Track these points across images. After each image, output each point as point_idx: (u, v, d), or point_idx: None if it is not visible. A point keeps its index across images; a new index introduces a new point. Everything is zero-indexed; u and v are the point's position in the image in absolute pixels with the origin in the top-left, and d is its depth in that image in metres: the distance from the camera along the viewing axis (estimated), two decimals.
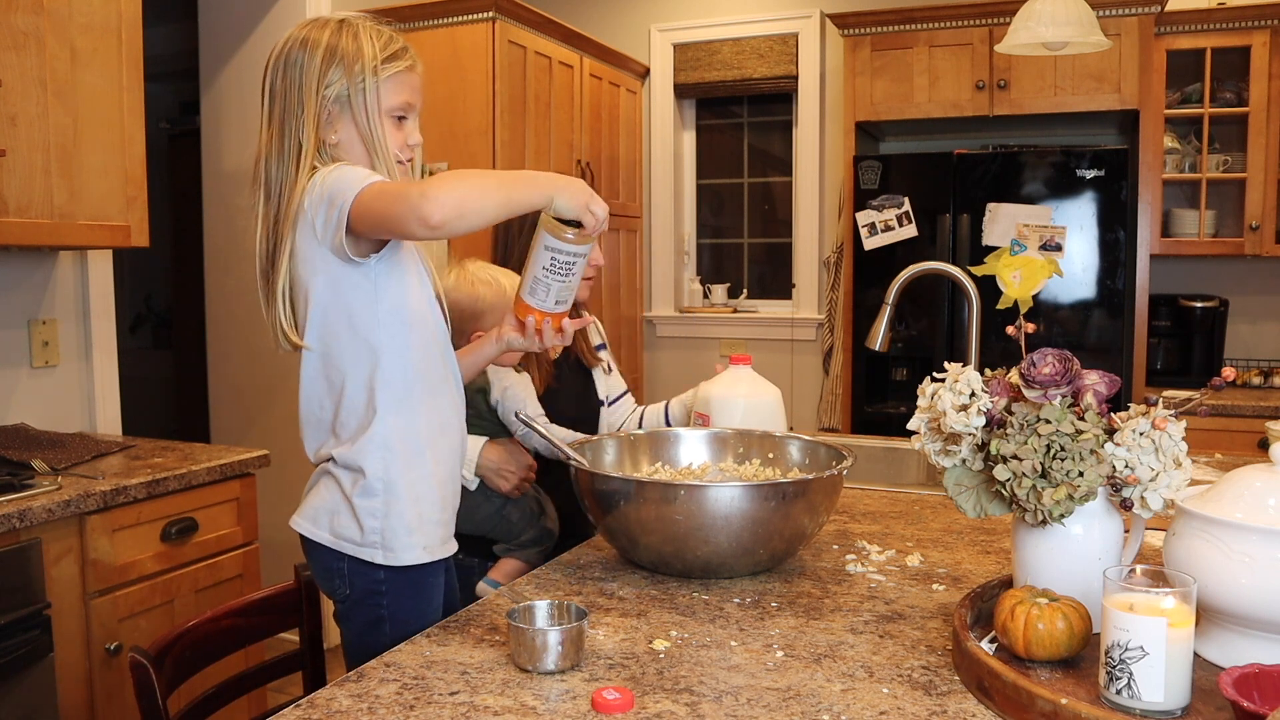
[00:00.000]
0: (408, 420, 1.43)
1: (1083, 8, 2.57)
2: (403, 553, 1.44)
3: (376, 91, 1.43)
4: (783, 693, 1.10)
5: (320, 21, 1.47)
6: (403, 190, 1.29)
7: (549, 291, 1.43)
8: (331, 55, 1.42)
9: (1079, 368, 1.20)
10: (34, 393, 2.66)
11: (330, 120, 1.43)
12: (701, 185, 4.85)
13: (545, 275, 1.41)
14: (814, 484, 1.48)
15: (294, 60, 1.43)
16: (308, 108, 1.42)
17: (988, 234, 3.64)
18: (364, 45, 1.43)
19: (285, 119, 1.43)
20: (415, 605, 1.47)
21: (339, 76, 1.42)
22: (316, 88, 1.42)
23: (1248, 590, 1.06)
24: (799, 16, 4.44)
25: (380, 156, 1.44)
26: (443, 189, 1.26)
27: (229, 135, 3.61)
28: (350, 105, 1.42)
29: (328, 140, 1.43)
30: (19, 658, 1.88)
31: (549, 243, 1.39)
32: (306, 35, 1.44)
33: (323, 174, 1.38)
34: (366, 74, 1.42)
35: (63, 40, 2.27)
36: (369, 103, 1.42)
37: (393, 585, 1.45)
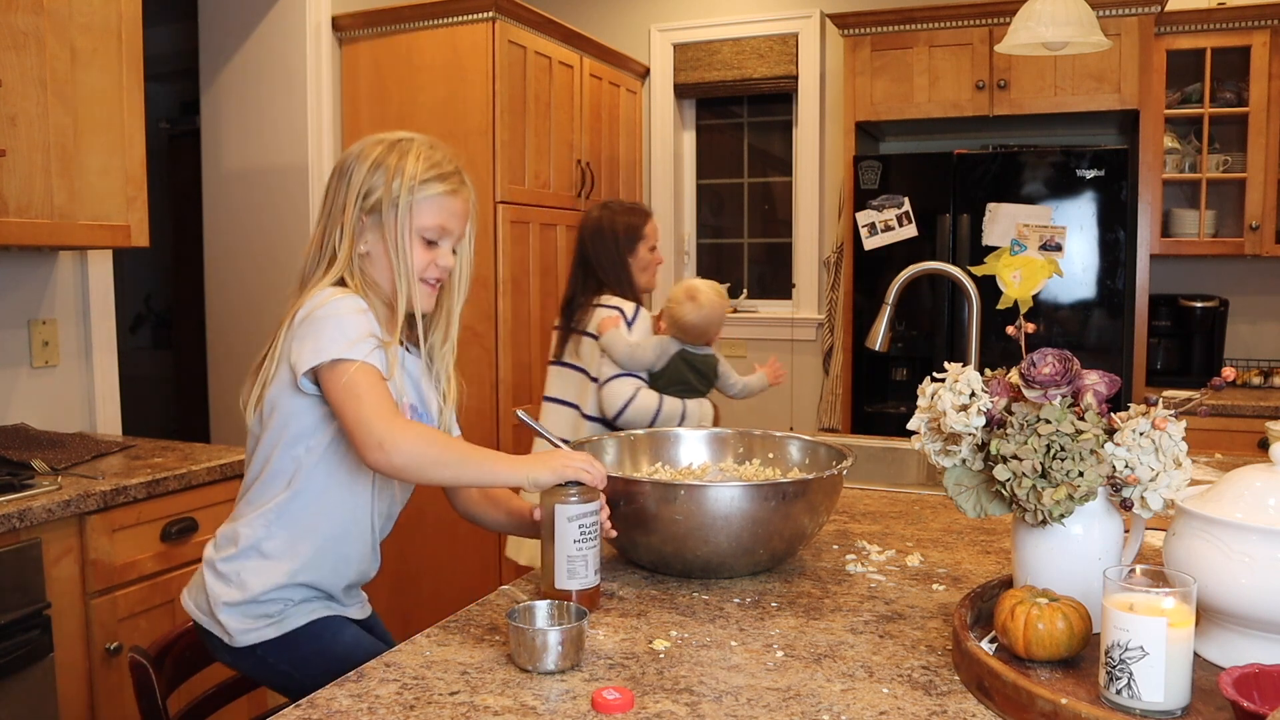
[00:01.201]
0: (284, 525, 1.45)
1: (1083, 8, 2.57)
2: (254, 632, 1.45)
3: (409, 210, 1.46)
4: (783, 693, 1.10)
5: (382, 138, 1.51)
6: (376, 421, 1.30)
7: (588, 565, 1.36)
8: (375, 168, 1.46)
9: (1079, 368, 1.20)
10: (34, 393, 2.66)
11: (362, 230, 1.47)
12: (701, 185, 4.85)
13: (578, 549, 1.35)
14: (814, 484, 1.48)
15: (346, 170, 1.48)
16: (347, 217, 1.46)
17: (988, 234, 3.64)
18: (408, 163, 1.46)
19: (328, 224, 1.48)
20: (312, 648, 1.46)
21: (377, 189, 1.46)
22: (356, 198, 1.46)
23: (1248, 590, 1.06)
24: (799, 16, 4.44)
25: (401, 275, 1.46)
26: (405, 450, 1.30)
27: (229, 135, 3.61)
28: (381, 219, 1.45)
29: (358, 250, 1.47)
30: (19, 658, 1.88)
31: (571, 513, 1.34)
32: (364, 149, 1.49)
33: (322, 299, 1.40)
34: (401, 191, 1.45)
35: (63, 40, 2.27)
36: (398, 220, 1.45)
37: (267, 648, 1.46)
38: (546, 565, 1.37)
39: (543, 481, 1.35)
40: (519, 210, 3.47)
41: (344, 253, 1.46)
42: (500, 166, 3.36)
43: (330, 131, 3.53)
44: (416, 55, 3.44)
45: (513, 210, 3.43)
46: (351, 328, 1.37)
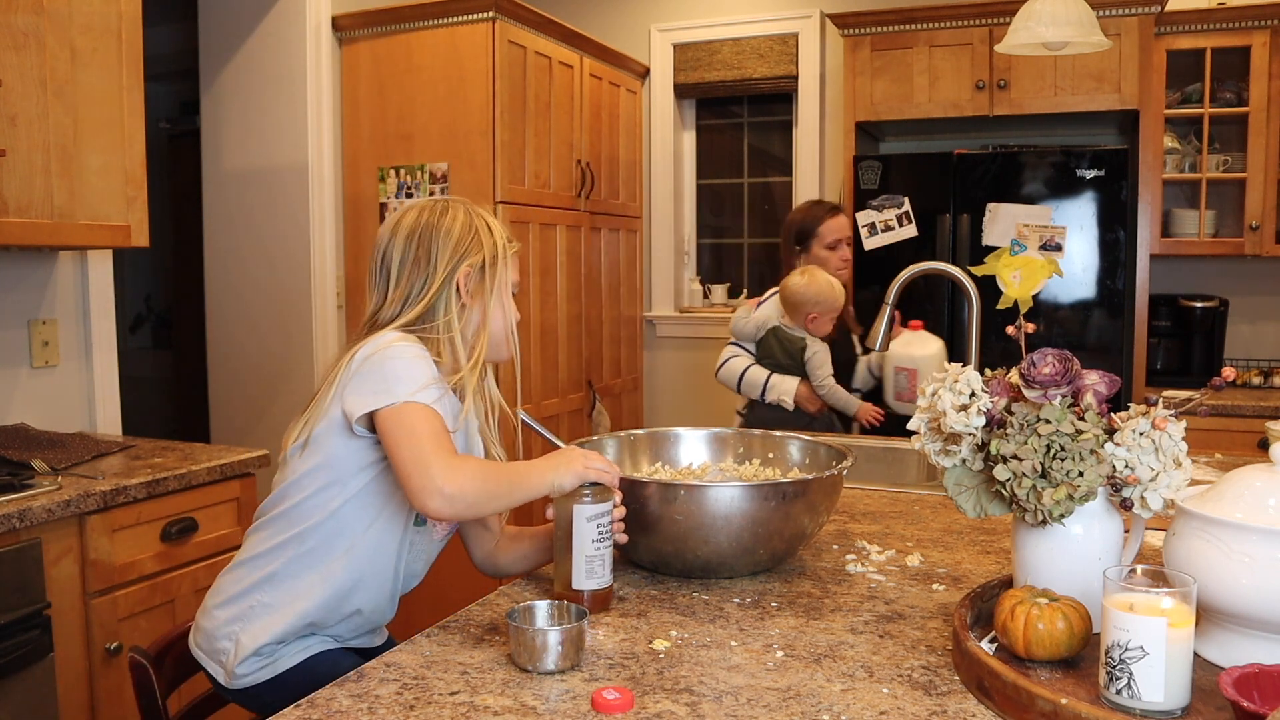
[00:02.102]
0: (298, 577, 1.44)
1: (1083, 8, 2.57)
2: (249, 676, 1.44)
3: (507, 265, 1.55)
4: (783, 693, 1.10)
5: (440, 204, 1.54)
6: (434, 464, 1.29)
7: (605, 564, 1.36)
8: (469, 229, 1.52)
9: (1079, 368, 1.20)
10: (34, 393, 2.66)
11: (472, 284, 1.51)
12: (701, 185, 4.85)
13: (596, 548, 1.35)
14: (814, 484, 1.48)
15: (434, 231, 1.51)
16: (441, 271, 1.49)
17: (988, 234, 3.64)
18: (493, 224, 1.55)
19: (414, 280, 1.50)
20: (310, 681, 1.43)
21: (479, 248, 1.51)
22: (455, 253, 1.50)
23: (1248, 590, 1.06)
24: (799, 16, 4.44)
25: (507, 323, 1.56)
26: (466, 491, 1.30)
27: (229, 135, 3.61)
28: (484, 279, 1.52)
29: (469, 305, 1.51)
30: (19, 658, 1.88)
31: (589, 513, 1.34)
32: (435, 220, 1.52)
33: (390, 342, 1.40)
34: (502, 250, 1.54)
35: (63, 40, 2.27)
36: (500, 278, 1.53)
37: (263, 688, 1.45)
38: (561, 566, 1.37)
39: (566, 486, 1.35)
40: (519, 210, 3.47)
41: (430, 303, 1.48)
42: (500, 166, 3.36)
43: (330, 131, 3.53)
44: (416, 55, 3.44)
45: (513, 210, 3.43)
46: (418, 373, 1.37)
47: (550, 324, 3.70)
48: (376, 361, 1.37)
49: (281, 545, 1.45)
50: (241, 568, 1.48)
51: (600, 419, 4.03)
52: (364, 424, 1.38)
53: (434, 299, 1.48)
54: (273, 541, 1.46)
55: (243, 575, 1.47)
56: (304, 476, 1.44)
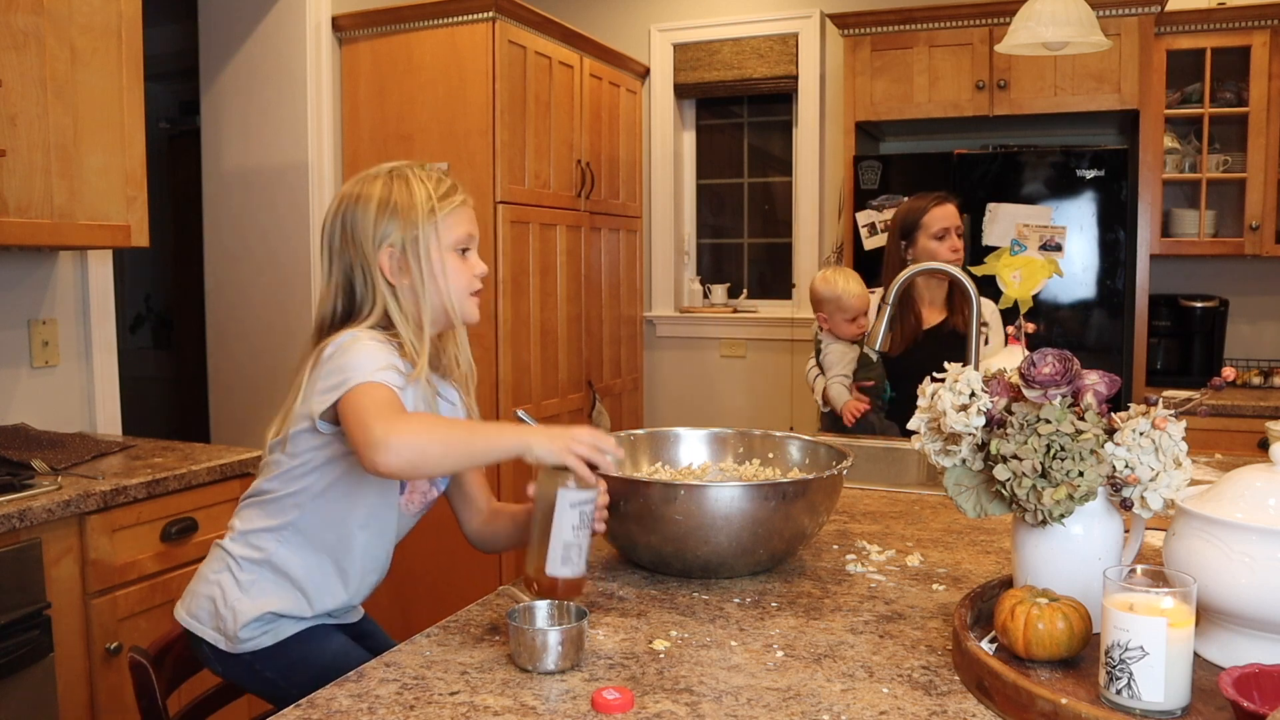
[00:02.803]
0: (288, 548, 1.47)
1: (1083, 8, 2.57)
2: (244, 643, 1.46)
3: (436, 233, 1.46)
4: (783, 693, 1.10)
5: (370, 175, 1.50)
6: (378, 421, 1.28)
7: (581, 553, 1.32)
8: (384, 207, 1.45)
9: (1079, 368, 1.20)
10: (34, 393, 2.66)
11: (400, 268, 1.46)
12: (701, 185, 4.85)
13: (576, 535, 1.31)
14: (814, 484, 1.48)
15: (351, 217, 1.47)
16: (371, 262, 1.45)
17: (988, 234, 3.64)
18: (416, 191, 1.46)
19: (353, 275, 1.47)
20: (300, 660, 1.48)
21: (395, 225, 1.45)
22: (373, 242, 1.45)
23: (1248, 590, 1.06)
24: (799, 16, 4.44)
25: (449, 294, 1.47)
26: (406, 441, 1.26)
27: (229, 135, 3.61)
28: (407, 251, 1.45)
29: (398, 285, 1.46)
30: (19, 658, 1.88)
31: (573, 499, 1.30)
32: (360, 191, 1.48)
33: (351, 339, 1.39)
34: (422, 217, 1.45)
35: (63, 40, 2.27)
36: (428, 245, 1.45)
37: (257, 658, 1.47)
38: (536, 548, 1.32)
39: (541, 456, 1.29)
40: (519, 210, 3.47)
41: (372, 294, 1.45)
42: (500, 166, 3.35)
43: (330, 131, 3.53)
44: (416, 55, 3.44)
45: (512, 210, 3.43)
46: (371, 360, 1.36)
47: (550, 324, 3.70)
48: (334, 357, 1.38)
49: (275, 529, 1.48)
50: (239, 542, 1.50)
51: (600, 419, 4.03)
52: (328, 418, 1.38)
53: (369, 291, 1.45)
54: (267, 523, 1.48)
55: (241, 549, 1.49)
56: (287, 471, 1.46)
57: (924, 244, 2.82)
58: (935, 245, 2.80)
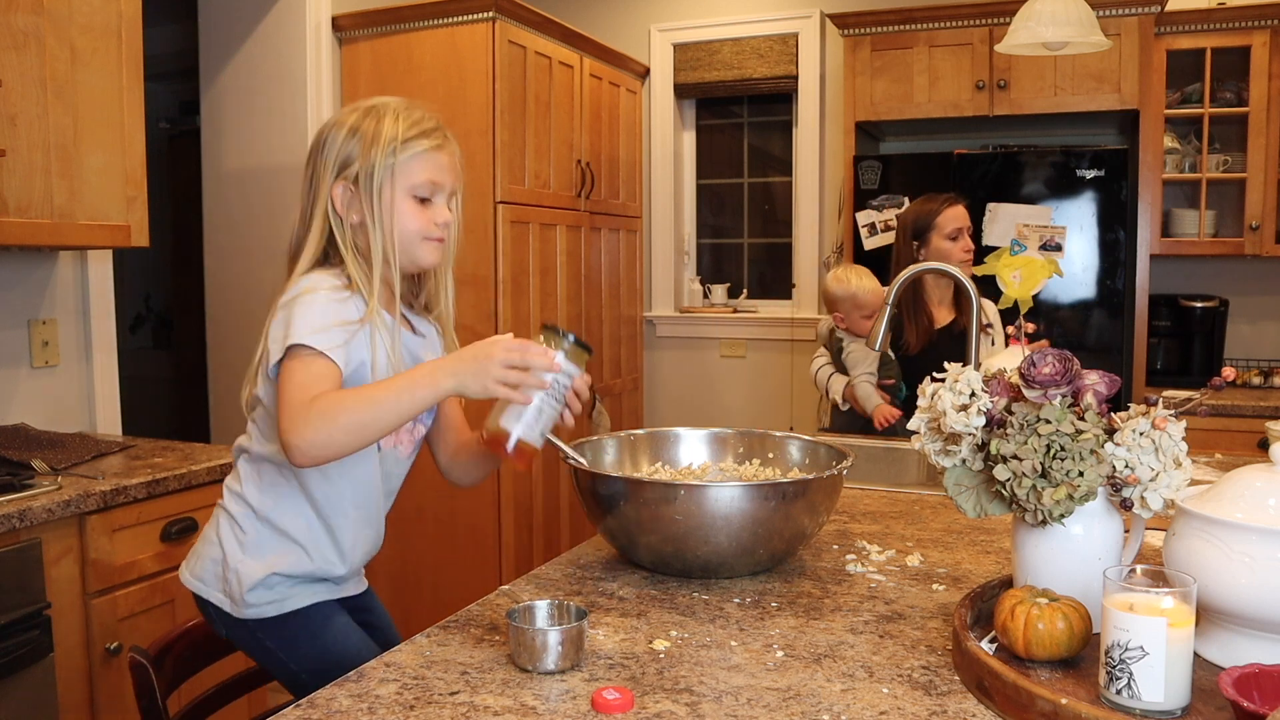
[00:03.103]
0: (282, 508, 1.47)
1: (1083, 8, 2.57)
2: (248, 609, 1.46)
3: (390, 171, 1.42)
4: (783, 693, 1.10)
5: (359, 105, 1.48)
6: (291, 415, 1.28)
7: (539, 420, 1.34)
8: (352, 134, 1.43)
9: (1079, 368, 1.20)
10: (34, 393, 2.66)
11: (351, 200, 1.44)
12: (701, 185, 4.85)
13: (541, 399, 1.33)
14: (814, 484, 1.48)
15: (323, 142, 1.46)
16: (323, 187, 1.43)
17: (988, 234, 3.63)
18: (385, 127, 1.43)
19: (308, 197, 1.46)
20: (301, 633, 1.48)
21: (356, 155, 1.43)
22: (334, 167, 1.43)
23: (1248, 590, 1.06)
24: (799, 16, 4.44)
25: (394, 238, 1.43)
26: (315, 440, 1.26)
27: (229, 135, 3.61)
28: (360, 188, 1.42)
29: (349, 221, 1.44)
30: (19, 658, 1.88)
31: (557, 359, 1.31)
32: (340, 118, 1.46)
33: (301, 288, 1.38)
34: (379, 155, 1.42)
35: (63, 40, 2.27)
36: (379, 182, 1.42)
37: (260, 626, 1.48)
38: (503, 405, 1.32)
39: (473, 394, 1.29)
40: (519, 210, 3.47)
41: (327, 226, 1.43)
42: (500, 166, 3.36)
43: None
44: (416, 55, 3.44)
45: (513, 210, 3.43)
46: (320, 314, 1.35)
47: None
48: (286, 307, 1.37)
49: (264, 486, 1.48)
50: (236, 500, 1.51)
51: (600, 419, 4.03)
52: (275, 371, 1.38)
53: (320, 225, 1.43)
54: (256, 480, 1.49)
55: (238, 507, 1.50)
56: (264, 425, 1.47)
57: (937, 244, 2.83)
58: (949, 246, 2.82)
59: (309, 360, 1.32)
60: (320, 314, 1.35)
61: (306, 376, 1.31)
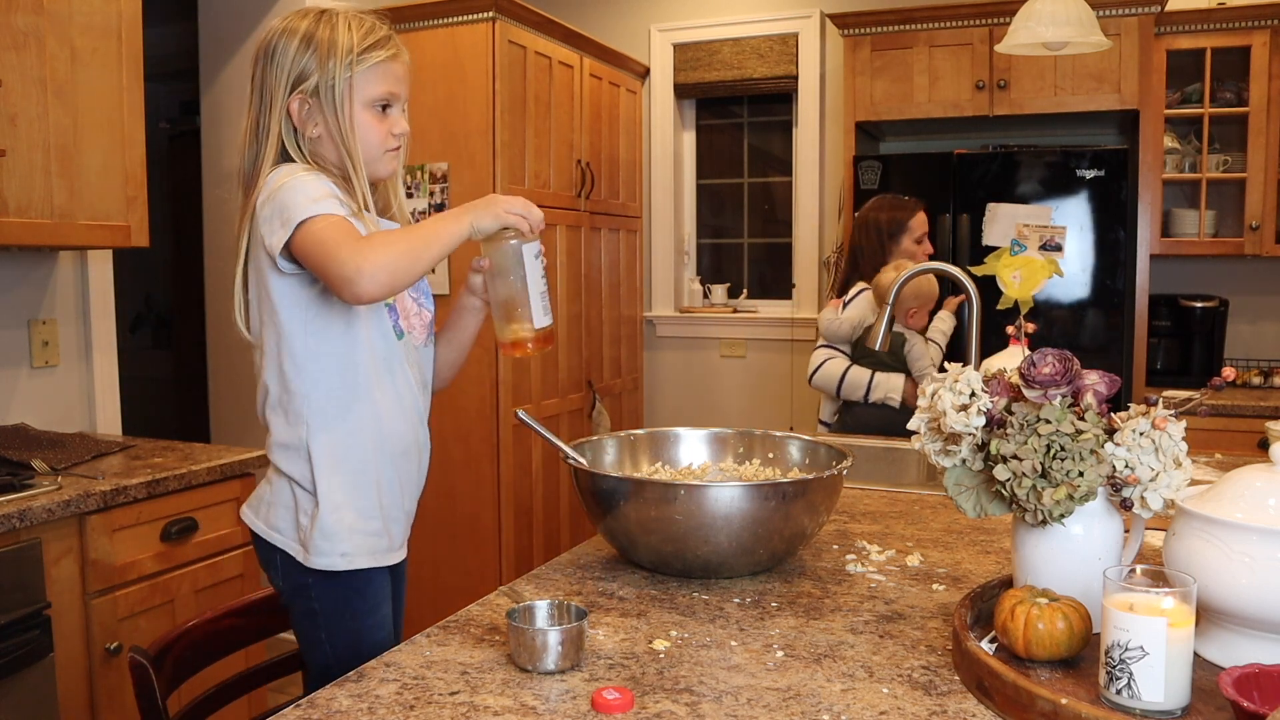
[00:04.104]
0: (332, 433, 1.45)
1: (1083, 8, 2.57)
2: (318, 557, 1.46)
3: (349, 84, 1.42)
4: (783, 693, 1.10)
5: (303, 11, 1.47)
6: (342, 254, 1.29)
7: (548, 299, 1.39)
8: (306, 45, 1.42)
9: (1079, 368, 1.20)
10: (34, 393, 2.66)
11: (310, 113, 1.43)
12: (701, 185, 4.85)
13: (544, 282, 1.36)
14: (814, 484, 1.48)
15: (273, 50, 1.44)
16: (277, 99, 1.42)
17: (988, 234, 3.64)
18: (339, 37, 1.42)
19: (260, 109, 1.44)
20: (347, 606, 1.48)
21: (313, 68, 1.41)
22: (288, 79, 1.42)
23: (1248, 590, 1.06)
24: (799, 16, 4.44)
25: (349, 152, 1.43)
26: (378, 263, 1.28)
27: (229, 135, 3.61)
28: (321, 99, 1.42)
29: (308, 134, 1.43)
30: (19, 658, 1.88)
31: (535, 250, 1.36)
32: (288, 25, 1.44)
33: (277, 179, 1.38)
34: (339, 67, 1.42)
35: (63, 40, 2.27)
36: (339, 96, 1.42)
37: (319, 583, 1.47)
38: (512, 309, 1.37)
39: (486, 228, 1.36)
40: None
41: (274, 136, 1.42)
42: (500, 166, 3.36)
43: None
44: (416, 55, 3.43)
45: None
46: (311, 189, 1.35)
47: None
48: (273, 198, 1.36)
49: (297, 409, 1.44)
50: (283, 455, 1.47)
51: (600, 419, 4.03)
52: (286, 258, 1.37)
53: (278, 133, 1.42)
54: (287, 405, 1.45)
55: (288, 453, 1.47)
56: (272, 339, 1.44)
57: (906, 246, 2.97)
58: (915, 248, 2.98)
59: (328, 219, 1.32)
60: (313, 186, 1.35)
61: (338, 227, 1.32)
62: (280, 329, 1.43)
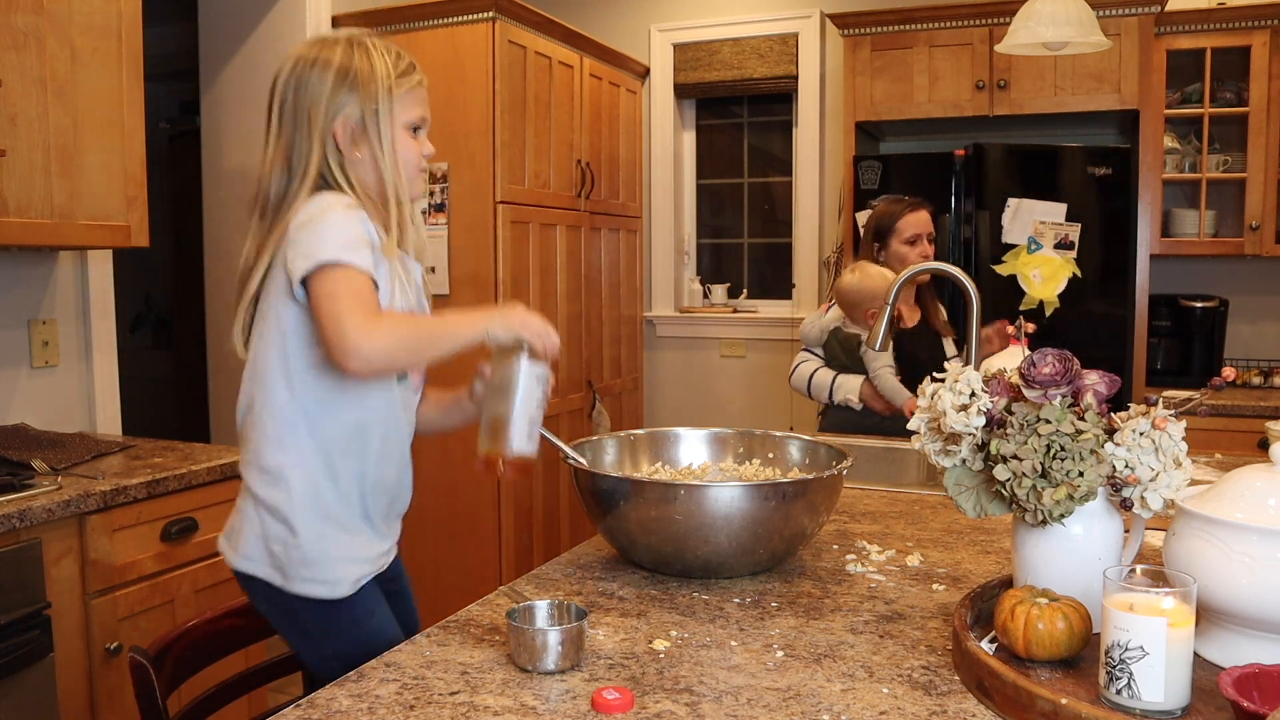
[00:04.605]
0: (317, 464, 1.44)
1: (1083, 8, 2.57)
2: (301, 584, 1.44)
3: (391, 109, 1.45)
4: (783, 693, 1.10)
5: (329, 40, 1.47)
6: (346, 321, 1.28)
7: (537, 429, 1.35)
8: (344, 75, 1.44)
9: (1079, 368, 1.20)
10: (34, 393, 2.66)
11: (352, 139, 1.44)
12: (701, 185, 4.85)
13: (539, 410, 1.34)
14: (814, 484, 1.48)
15: (305, 81, 1.44)
16: (316, 127, 1.43)
17: (1008, 231, 3.59)
18: (377, 64, 1.45)
19: (295, 138, 1.44)
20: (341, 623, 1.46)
21: (355, 96, 1.43)
22: (327, 108, 1.43)
23: (1248, 590, 1.06)
24: (799, 16, 4.44)
25: (391, 176, 1.45)
26: (378, 348, 1.29)
27: (229, 135, 3.61)
28: (366, 125, 1.44)
29: (349, 157, 1.44)
30: (19, 658, 1.88)
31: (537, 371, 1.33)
32: (318, 55, 1.45)
33: (319, 207, 1.38)
34: (381, 92, 1.44)
35: (63, 40, 2.27)
36: (383, 122, 1.44)
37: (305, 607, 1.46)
38: (497, 426, 1.33)
39: (500, 338, 1.35)
40: (519, 210, 3.47)
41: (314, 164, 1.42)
42: (500, 166, 3.35)
43: None
44: (416, 55, 3.37)
45: (512, 210, 3.43)
46: (347, 232, 1.34)
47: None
48: (309, 225, 1.36)
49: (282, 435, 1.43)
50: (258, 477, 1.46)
51: (600, 419, 4.03)
52: (304, 288, 1.36)
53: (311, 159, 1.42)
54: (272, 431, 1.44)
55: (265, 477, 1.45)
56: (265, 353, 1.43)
57: (895, 248, 2.86)
58: (906, 250, 2.84)
59: (352, 274, 1.32)
60: (350, 230, 1.35)
61: (355, 286, 1.31)
62: (285, 353, 1.42)
